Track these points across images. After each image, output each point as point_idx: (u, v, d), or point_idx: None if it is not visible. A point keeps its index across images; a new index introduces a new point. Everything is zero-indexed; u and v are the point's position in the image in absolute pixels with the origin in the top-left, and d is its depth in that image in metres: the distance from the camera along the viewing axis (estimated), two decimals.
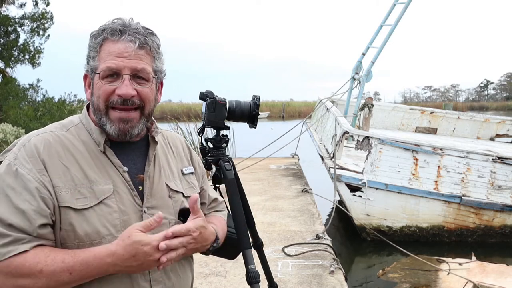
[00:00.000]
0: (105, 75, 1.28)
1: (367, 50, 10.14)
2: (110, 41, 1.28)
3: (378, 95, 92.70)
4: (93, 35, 1.31)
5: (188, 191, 1.45)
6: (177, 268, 1.38)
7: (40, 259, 1.15)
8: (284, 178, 9.49)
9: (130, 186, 1.31)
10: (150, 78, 1.32)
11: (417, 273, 5.52)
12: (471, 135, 12.98)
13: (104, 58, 1.28)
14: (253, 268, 1.73)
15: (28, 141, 1.27)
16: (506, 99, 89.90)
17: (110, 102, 1.29)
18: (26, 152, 1.24)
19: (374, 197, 7.13)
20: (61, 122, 1.39)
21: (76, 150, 1.29)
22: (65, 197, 1.22)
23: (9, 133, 11.22)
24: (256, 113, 2.19)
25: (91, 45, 1.30)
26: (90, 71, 1.31)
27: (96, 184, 1.26)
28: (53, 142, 1.28)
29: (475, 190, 7.05)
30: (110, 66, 1.27)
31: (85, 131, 1.33)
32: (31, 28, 17.49)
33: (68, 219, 1.22)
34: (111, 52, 1.27)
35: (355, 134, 7.43)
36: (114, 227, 1.25)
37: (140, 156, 1.38)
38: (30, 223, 1.17)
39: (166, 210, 1.36)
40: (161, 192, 1.37)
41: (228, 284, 4.05)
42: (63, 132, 1.32)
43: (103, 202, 1.25)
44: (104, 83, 1.28)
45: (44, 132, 1.31)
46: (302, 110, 49.45)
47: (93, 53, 1.30)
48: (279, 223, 6.07)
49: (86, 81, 1.36)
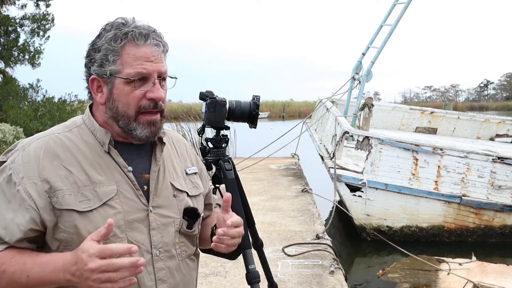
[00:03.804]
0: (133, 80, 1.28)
1: (367, 50, 10.15)
2: (133, 45, 1.27)
3: (378, 95, 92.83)
4: (111, 38, 1.27)
5: (192, 191, 1.46)
6: (182, 267, 1.39)
7: (6, 260, 1.19)
8: (284, 178, 9.50)
9: (135, 186, 1.31)
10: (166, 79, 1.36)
11: (417, 273, 5.52)
12: (471, 135, 12.99)
13: (130, 63, 1.27)
14: (253, 268, 1.73)
15: (28, 145, 1.28)
16: (506, 99, 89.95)
17: (142, 107, 1.29)
18: (24, 157, 1.25)
19: (374, 197, 7.13)
20: (64, 123, 1.39)
21: (79, 151, 1.29)
22: (68, 200, 1.22)
23: (8, 132, 11.22)
24: (256, 113, 2.19)
25: (109, 49, 1.27)
26: (108, 75, 1.29)
27: (99, 185, 1.26)
28: (53, 145, 1.27)
29: (475, 190, 7.05)
30: (141, 71, 1.27)
31: (88, 131, 1.33)
32: (31, 29, 17.49)
33: (72, 222, 1.22)
34: (138, 57, 1.27)
35: (355, 134, 7.43)
36: (118, 228, 1.25)
37: (144, 155, 1.38)
38: (7, 232, 1.20)
39: (171, 209, 1.36)
40: (166, 191, 1.38)
41: (228, 284, 4.06)
42: (65, 133, 1.32)
43: (107, 204, 1.26)
44: (134, 88, 1.28)
45: (45, 135, 1.31)
46: (302, 110, 49.43)
47: (113, 57, 1.27)
48: (279, 223, 6.07)
49: (94, 84, 1.33)
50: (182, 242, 1.39)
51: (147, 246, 1.30)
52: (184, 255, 1.39)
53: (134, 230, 1.28)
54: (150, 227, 1.31)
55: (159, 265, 1.32)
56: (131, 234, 1.28)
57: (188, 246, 1.41)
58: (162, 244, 1.33)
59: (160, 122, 1.34)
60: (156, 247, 1.31)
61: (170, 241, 1.35)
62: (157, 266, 1.31)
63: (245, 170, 9.25)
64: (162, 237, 1.33)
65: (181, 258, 1.38)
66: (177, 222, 1.37)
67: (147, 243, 1.30)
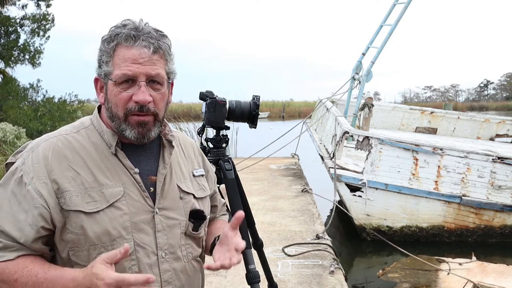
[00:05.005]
0: (120, 82, 1.27)
1: (367, 50, 10.14)
2: (123, 47, 1.27)
3: (378, 95, 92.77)
4: (105, 40, 1.29)
5: (199, 193, 1.46)
6: (187, 269, 1.39)
7: (18, 269, 1.20)
8: (284, 178, 9.50)
9: (141, 188, 1.31)
10: (164, 82, 1.32)
11: (417, 273, 5.52)
12: (471, 135, 12.98)
13: (119, 64, 1.27)
14: (253, 268, 1.73)
15: (37, 147, 1.29)
16: (506, 99, 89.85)
17: (128, 109, 1.28)
18: (33, 158, 1.27)
19: (374, 197, 7.13)
20: (72, 124, 1.40)
21: (86, 152, 1.30)
22: (76, 201, 1.23)
23: (9, 132, 11.21)
24: (256, 113, 2.19)
25: (103, 50, 1.29)
26: (104, 76, 1.30)
27: (106, 187, 1.27)
28: (61, 147, 1.29)
29: (475, 190, 7.05)
30: (126, 73, 1.26)
31: (96, 133, 1.34)
32: (31, 29, 17.49)
33: (79, 223, 1.23)
34: (125, 59, 1.26)
35: (355, 134, 7.43)
36: (124, 229, 1.26)
37: (151, 157, 1.38)
38: (22, 233, 1.21)
39: (177, 211, 1.37)
40: (173, 193, 1.38)
41: (228, 284, 4.06)
42: (73, 134, 1.33)
43: (114, 205, 1.26)
44: (121, 90, 1.28)
45: (53, 136, 1.32)
46: (302, 110, 49.39)
47: (106, 58, 1.29)
48: (279, 223, 6.07)
49: (98, 84, 1.35)
50: (188, 244, 1.39)
51: (153, 248, 1.30)
52: (190, 257, 1.40)
53: (140, 231, 1.29)
54: (156, 229, 1.31)
55: (165, 267, 1.32)
56: (137, 236, 1.28)
57: (194, 248, 1.41)
58: (167, 246, 1.33)
59: (151, 124, 1.31)
60: (161, 248, 1.32)
61: (176, 243, 1.35)
62: (162, 268, 1.32)
63: (245, 170, 9.25)
64: (167, 238, 1.33)
65: (187, 260, 1.38)
66: (183, 224, 1.37)
67: (153, 245, 1.30)
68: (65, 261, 1.26)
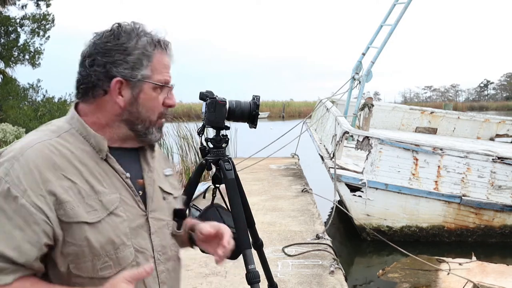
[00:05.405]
0: (159, 87, 1.32)
1: (367, 50, 10.15)
2: (160, 53, 1.31)
3: (378, 95, 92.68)
4: (146, 43, 1.28)
5: (174, 192, 1.47)
6: (175, 267, 1.41)
7: None
8: (284, 178, 9.50)
9: (134, 192, 1.30)
10: None
11: (417, 273, 5.52)
12: (471, 135, 12.99)
13: (159, 70, 1.30)
14: (253, 268, 1.73)
15: (21, 155, 1.16)
16: (506, 99, 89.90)
17: (161, 113, 1.34)
18: (21, 168, 1.14)
19: (374, 197, 7.14)
20: (46, 128, 1.28)
21: (76, 159, 1.22)
22: (77, 212, 1.17)
23: (9, 132, 11.22)
24: (256, 113, 2.19)
25: (144, 53, 1.27)
26: (138, 79, 1.28)
27: (103, 194, 1.23)
28: (50, 154, 1.18)
29: (475, 190, 7.05)
30: (167, 79, 1.32)
31: (80, 137, 1.26)
32: (31, 29, 17.50)
33: (83, 234, 1.17)
34: (165, 65, 1.32)
35: (355, 134, 7.43)
36: (125, 235, 1.25)
37: (134, 161, 1.37)
38: (19, 253, 1.10)
39: (163, 212, 1.37)
40: (158, 195, 1.38)
41: (228, 284, 4.05)
42: (55, 139, 1.23)
43: (113, 213, 1.23)
44: (158, 95, 1.32)
45: (37, 142, 1.19)
46: (302, 110, 49.41)
47: (146, 62, 1.28)
48: (279, 223, 6.07)
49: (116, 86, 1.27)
50: (173, 243, 1.40)
51: (150, 251, 1.30)
52: (175, 256, 1.41)
53: (138, 236, 1.28)
54: (150, 232, 1.31)
55: (161, 268, 1.33)
56: (136, 241, 1.27)
57: (177, 246, 1.44)
58: (161, 248, 1.34)
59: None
60: (156, 250, 1.32)
61: (167, 243, 1.36)
62: (159, 269, 1.32)
63: (245, 170, 9.25)
64: (160, 240, 1.33)
65: (175, 259, 1.40)
66: (170, 225, 1.39)
67: (149, 248, 1.30)
68: (63, 276, 1.19)
